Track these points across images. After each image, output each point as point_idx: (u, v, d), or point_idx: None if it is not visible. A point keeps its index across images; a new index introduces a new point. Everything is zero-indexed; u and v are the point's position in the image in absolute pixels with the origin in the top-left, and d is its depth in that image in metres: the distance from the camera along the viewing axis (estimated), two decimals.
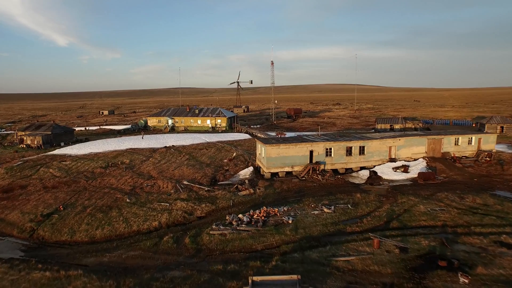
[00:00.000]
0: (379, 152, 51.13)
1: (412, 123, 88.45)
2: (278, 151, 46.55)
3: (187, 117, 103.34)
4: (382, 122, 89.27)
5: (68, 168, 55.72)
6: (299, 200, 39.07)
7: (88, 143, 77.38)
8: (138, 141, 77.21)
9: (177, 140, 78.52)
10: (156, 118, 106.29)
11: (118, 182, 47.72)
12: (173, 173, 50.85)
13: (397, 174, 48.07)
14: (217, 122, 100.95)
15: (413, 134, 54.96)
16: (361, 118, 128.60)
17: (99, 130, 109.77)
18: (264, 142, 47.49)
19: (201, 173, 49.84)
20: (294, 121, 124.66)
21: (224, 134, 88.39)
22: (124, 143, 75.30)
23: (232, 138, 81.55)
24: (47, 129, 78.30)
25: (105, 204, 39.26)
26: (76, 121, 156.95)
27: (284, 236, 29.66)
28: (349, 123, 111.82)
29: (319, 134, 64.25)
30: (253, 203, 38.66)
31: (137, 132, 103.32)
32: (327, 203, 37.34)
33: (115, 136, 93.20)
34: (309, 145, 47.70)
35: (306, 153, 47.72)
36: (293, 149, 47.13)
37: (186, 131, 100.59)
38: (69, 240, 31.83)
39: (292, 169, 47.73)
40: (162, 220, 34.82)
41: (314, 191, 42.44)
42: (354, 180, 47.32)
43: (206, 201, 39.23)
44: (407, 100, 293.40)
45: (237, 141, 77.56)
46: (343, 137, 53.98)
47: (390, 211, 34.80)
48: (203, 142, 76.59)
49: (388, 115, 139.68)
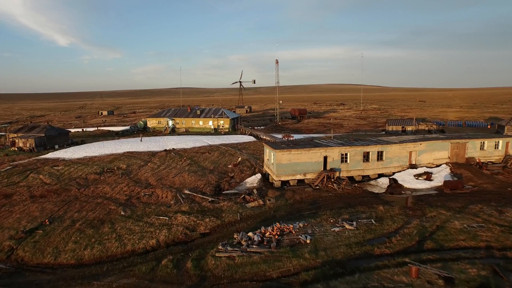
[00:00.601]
0: (399, 158, 46.78)
1: (426, 124, 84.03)
2: (289, 157, 42.23)
3: (188, 118, 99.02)
4: (393, 124, 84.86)
5: (59, 174, 51.47)
6: (315, 213, 34.73)
7: (83, 146, 73.15)
8: (136, 144, 72.97)
9: (177, 142, 74.24)
10: (156, 119, 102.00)
11: (113, 191, 43.43)
12: (173, 180, 46.54)
13: (419, 182, 43.69)
14: (220, 123, 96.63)
15: (434, 138, 50.60)
16: (368, 119, 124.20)
17: (96, 132, 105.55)
18: (274, 147, 43.16)
19: (204, 181, 45.51)
20: (299, 122, 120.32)
21: (227, 136, 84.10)
22: (121, 146, 71.07)
23: (236, 141, 77.24)
24: (41, 131, 74.08)
25: (97, 217, 34.97)
26: (74, 121, 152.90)
27: (303, 260, 25.30)
28: (356, 125, 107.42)
29: (331, 137, 59.86)
30: (263, 217, 34.32)
31: (136, 133, 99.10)
32: (347, 217, 32.99)
33: (113, 138, 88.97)
34: (323, 150, 43.37)
35: (320, 159, 43.40)
36: (306, 155, 42.80)
37: (187, 132, 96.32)
38: (52, 262, 27.50)
39: (304, 176, 43.40)
40: (161, 238, 30.52)
41: (331, 203, 38.08)
42: (373, 189, 42.95)
43: (210, 215, 34.89)
44: (411, 100, 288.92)
45: (241, 144, 73.26)
46: (358, 141, 49.64)
47: (420, 227, 30.42)
48: (205, 145, 72.30)
49: (396, 116, 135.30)
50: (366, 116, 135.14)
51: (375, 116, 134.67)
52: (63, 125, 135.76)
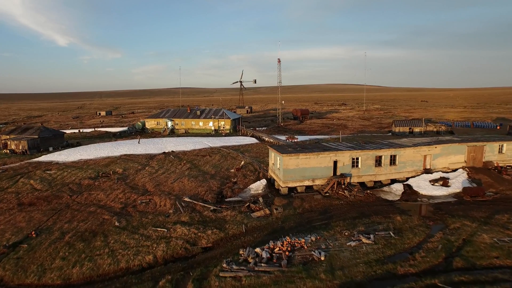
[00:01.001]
0: (413, 162, 43.87)
1: (434, 125, 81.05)
2: (297, 162, 39.31)
3: (188, 119, 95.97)
4: (400, 125, 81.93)
5: (52, 179, 48.49)
6: (327, 224, 31.81)
7: (79, 148, 70.15)
8: (134, 146, 70.00)
9: (177, 144, 71.28)
10: (155, 120, 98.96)
11: (108, 198, 40.46)
12: (172, 186, 43.56)
13: (436, 188, 40.78)
14: (221, 124, 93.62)
15: (450, 141, 47.68)
16: (372, 120, 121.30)
17: (93, 133, 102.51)
18: (280, 151, 40.22)
19: (205, 187, 42.55)
20: (302, 123, 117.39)
21: (228, 138, 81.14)
22: (118, 148, 68.10)
23: (237, 143, 74.29)
24: (34, 133, 71.06)
25: (89, 229, 32.00)
26: (71, 122, 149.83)
27: (319, 282, 22.38)
28: (361, 125, 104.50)
29: (339, 140, 56.89)
30: (271, 229, 31.39)
31: (134, 135, 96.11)
32: (363, 229, 30.07)
33: (110, 139, 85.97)
34: (332, 155, 40.44)
35: (330, 164, 40.48)
36: (315, 160, 39.88)
37: (187, 134, 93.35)
38: (36, 283, 24.50)
39: (313, 182, 40.47)
40: (158, 253, 27.56)
41: (343, 212, 35.16)
42: (387, 196, 40.02)
43: (213, 226, 31.94)
44: (413, 100, 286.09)
45: (244, 146, 70.30)
46: (369, 144, 46.73)
47: (445, 241, 27.51)
48: (205, 147, 69.35)
49: (400, 116, 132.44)
50: (369, 117, 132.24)
51: (379, 117, 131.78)
52: (59, 125, 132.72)
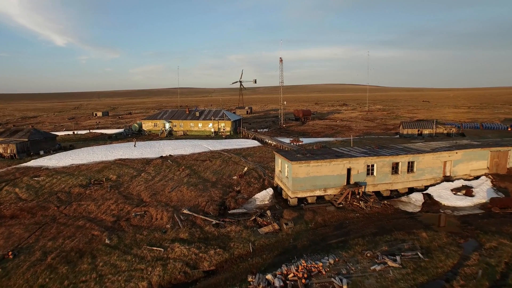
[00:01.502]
0: (432, 169, 40.32)
1: (444, 127, 77.51)
2: (308, 170, 35.67)
3: (186, 121, 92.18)
4: (408, 127, 78.38)
5: (39, 187, 44.72)
6: (345, 242, 28.18)
7: (71, 152, 66.29)
8: (129, 150, 66.21)
9: (175, 148, 67.53)
10: (152, 121, 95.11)
11: (99, 210, 36.72)
12: (170, 196, 39.84)
13: (459, 198, 37.22)
14: (221, 126, 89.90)
15: (471, 145, 44.15)
16: (376, 121, 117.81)
17: (88, 135, 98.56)
18: (289, 158, 36.57)
19: (206, 197, 38.84)
20: (304, 124, 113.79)
21: (229, 141, 77.44)
22: (113, 152, 64.31)
23: (238, 146, 70.61)
24: (24, 136, 67.18)
25: (75, 248, 28.28)
26: (66, 123, 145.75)
27: None
28: (366, 127, 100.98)
29: (351, 144, 53.24)
30: (282, 248, 27.73)
31: (130, 137, 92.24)
32: (386, 249, 26.45)
33: (105, 142, 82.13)
34: (346, 162, 36.82)
35: (343, 172, 36.88)
36: (327, 167, 36.25)
37: (185, 136, 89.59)
38: None
39: (324, 192, 36.85)
40: (153, 279, 23.88)
41: (360, 227, 31.55)
42: (406, 207, 36.43)
43: (215, 244, 28.25)
44: (415, 100, 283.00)
45: (245, 150, 66.60)
46: (383, 149, 43.14)
47: (485, 266, 23.91)
48: (205, 151, 65.63)
49: (404, 117, 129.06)
50: (373, 118, 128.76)
51: (383, 118, 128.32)
52: (54, 127, 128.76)
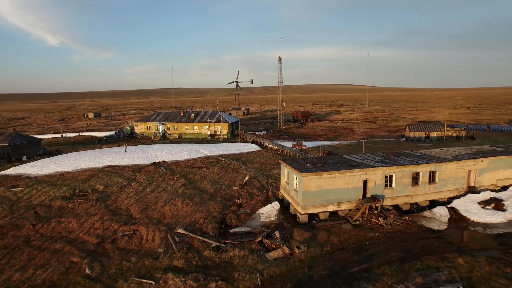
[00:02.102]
0: (455, 179, 36.27)
1: (453, 130, 73.78)
2: (320, 182, 31.40)
3: (181, 123, 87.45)
4: (415, 129, 74.52)
5: (16, 200, 39.95)
6: (369, 271, 23.91)
7: (57, 158, 61.39)
8: (120, 155, 61.50)
9: (169, 153, 62.93)
10: (145, 123, 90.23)
11: (81, 228, 32.09)
12: (163, 211, 35.30)
13: (488, 213, 33.17)
14: (217, 128, 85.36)
15: (495, 152, 40.15)
16: (378, 123, 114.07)
17: (77, 138, 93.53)
18: (298, 169, 32.23)
19: (204, 212, 34.36)
20: (303, 126, 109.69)
21: (226, 145, 72.96)
22: (102, 158, 59.58)
23: (237, 150, 66.18)
24: (4, 140, 62.10)
25: (48, 280, 23.68)
26: (56, 125, 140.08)
27: None
28: (368, 129, 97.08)
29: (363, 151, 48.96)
30: (295, 280, 23.36)
31: (121, 140, 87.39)
32: (420, 281, 22.20)
33: (95, 146, 77.23)
34: (362, 173, 32.61)
35: (359, 184, 32.67)
36: (341, 179, 32.01)
37: (180, 139, 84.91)
38: None
39: (338, 207, 32.60)
40: None
41: (383, 249, 27.29)
42: (430, 223, 32.27)
43: (217, 275, 23.79)
44: (412, 100, 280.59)
45: (245, 155, 62.20)
46: (399, 157, 39.01)
47: None
48: (201, 156, 61.12)
49: (406, 118, 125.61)
50: (374, 119, 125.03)
51: (384, 119, 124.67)
52: (42, 129, 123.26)
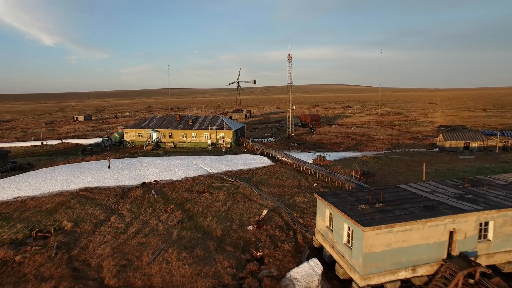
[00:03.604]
0: None
1: (499, 139, 62.79)
2: (389, 238, 20.46)
3: (177, 130, 76.16)
4: (451, 138, 63.65)
5: None
6: None
7: (23, 176, 50.06)
8: (102, 172, 50.32)
9: (162, 169, 51.75)
10: (136, 130, 78.82)
11: None
12: (150, 273, 24.07)
13: None
14: (219, 136, 74.21)
15: None
16: (395, 128, 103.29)
17: (59, 146, 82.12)
18: (354, 217, 21.18)
19: (210, 277, 23.19)
20: (314, 132, 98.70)
21: (231, 157, 61.72)
22: (79, 177, 48.40)
23: (245, 165, 55.01)
24: None
25: None
26: (41, 129, 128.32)
27: None
28: (389, 136, 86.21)
29: (424, 177, 37.58)
30: None
31: (109, 149, 76.10)
32: None
33: (76, 158, 65.88)
34: (448, 221, 21.67)
35: (443, 238, 21.77)
36: (418, 232, 21.08)
37: (176, 149, 73.71)
38: None
39: (413, 273, 21.64)
40: None
41: None
42: None
43: None
44: (418, 102, 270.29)
45: (255, 172, 51.09)
46: (481, 188, 27.99)
47: None
48: (202, 174, 50.02)
49: (424, 122, 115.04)
50: (389, 123, 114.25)
51: (400, 123, 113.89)
52: (23, 134, 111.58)
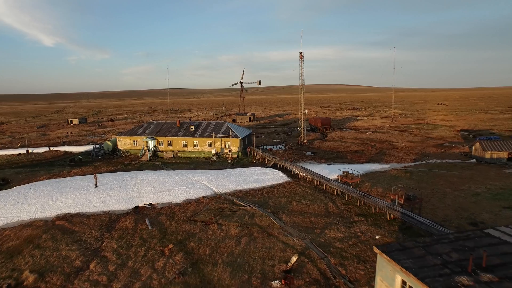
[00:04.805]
0: None
1: None
2: None
3: (177, 138, 67.87)
4: (492, 148, 55.29)
5: None
6: None
7: None
8: (87, 192, 42.14)
9: (159, 189, 43.49)
10: (130, 138, 70.54)
11: None
12: None
13: None
14: (225, 145, 65.94)
15: None
16: (413, 133, 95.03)
17: (46, 155, 73.92)
18: None
19: None
20: (326, 137, 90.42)
21: (239, 171, 53.31)
22: (59, 199, 40.23)
23: (257, 182, 46.64)
24: None
25: None
26: (32, 133, 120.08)
27: None
28: (411, 143, 77.91)
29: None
30: None
31: (101, 159, 67.92)
32: None
33: (60, 171, 57.64)
34: None
35: None
36: None
37: (176, 159, 65.45)
38: None
39: None
40: None
41: None
42: None
43: None
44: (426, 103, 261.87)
45: (270, 192, 42.75)
46: None
47: None
48: (207, 194, 41.78)
49: (444, 127, 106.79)
50: (406, 128, 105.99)
51: (417, 128, 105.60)
52: (11, 140, 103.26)
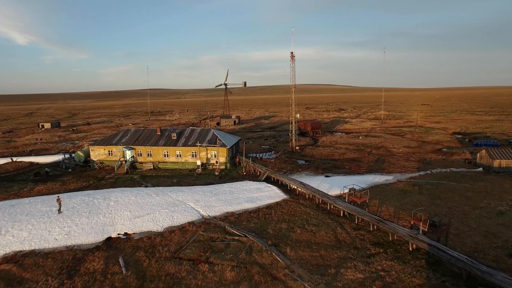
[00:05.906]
0: None
1: None
2: None
3: (157, 147, 61.02)
4: (500, 156, 51.37)
5: None
6: None
7: None
8: (48, 220, 35.25)
9: (137, 214, 36.92)
10: (105, 147, 63.21)
11: None
12: None
13: None
14: (211, 155, 59.61)
15: None
16: (407, 136, 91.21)
17: (8, 167, 65.74)
18: None
19: None
20: (317, 143, 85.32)
21: (229, 187, 47.06)
22: (12, 229, 33.31)
23: (250, 202, 40.61)
24: None
25: None
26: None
27: None
28: (408, 149, 73.68)
29: None
30: None
31: (71, 171, 60.47)
32: None
33: (22, 187, 50.07)
34: None
35: None
36: None
37: (156, 171, 58.70)
38: None
39: None
40: None
41: None
42: None
43: None
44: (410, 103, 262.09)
45: (266, 213, 36.91)
46: None
47: None
48: (193, 219, 35.58)
49: (437, 129, 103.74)
50: (398, 131, 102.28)
51: (410, 131, 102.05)
52: None
